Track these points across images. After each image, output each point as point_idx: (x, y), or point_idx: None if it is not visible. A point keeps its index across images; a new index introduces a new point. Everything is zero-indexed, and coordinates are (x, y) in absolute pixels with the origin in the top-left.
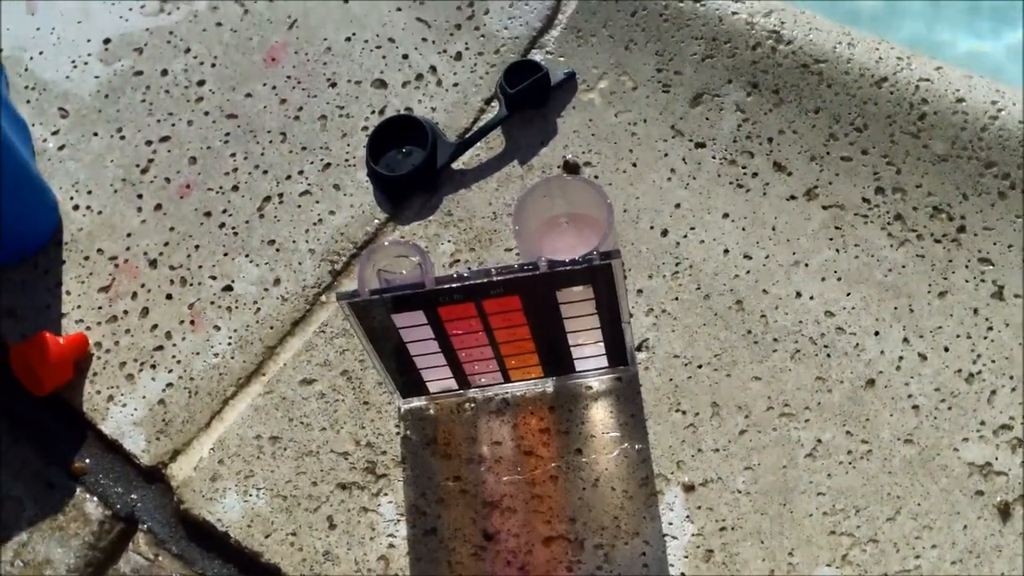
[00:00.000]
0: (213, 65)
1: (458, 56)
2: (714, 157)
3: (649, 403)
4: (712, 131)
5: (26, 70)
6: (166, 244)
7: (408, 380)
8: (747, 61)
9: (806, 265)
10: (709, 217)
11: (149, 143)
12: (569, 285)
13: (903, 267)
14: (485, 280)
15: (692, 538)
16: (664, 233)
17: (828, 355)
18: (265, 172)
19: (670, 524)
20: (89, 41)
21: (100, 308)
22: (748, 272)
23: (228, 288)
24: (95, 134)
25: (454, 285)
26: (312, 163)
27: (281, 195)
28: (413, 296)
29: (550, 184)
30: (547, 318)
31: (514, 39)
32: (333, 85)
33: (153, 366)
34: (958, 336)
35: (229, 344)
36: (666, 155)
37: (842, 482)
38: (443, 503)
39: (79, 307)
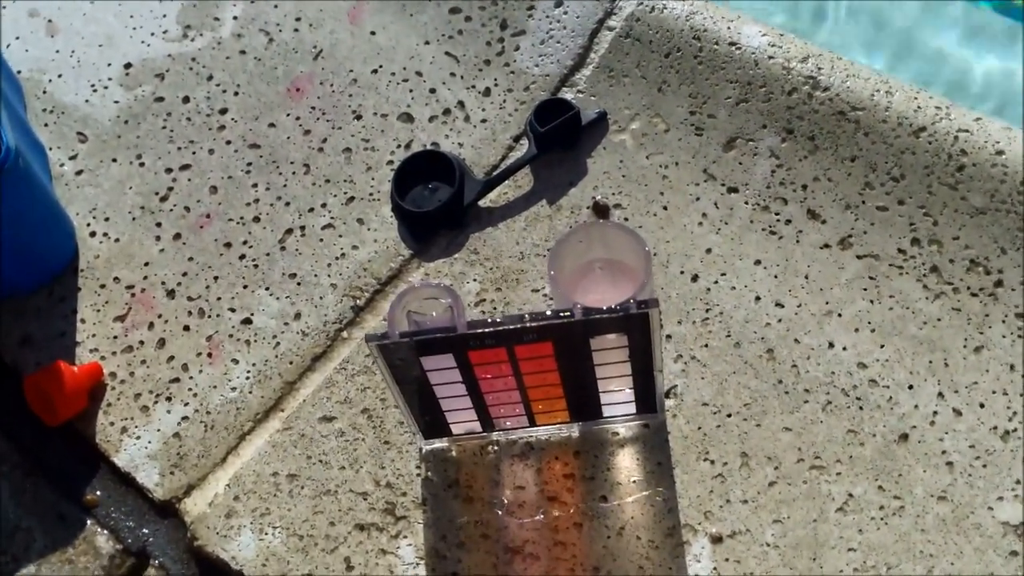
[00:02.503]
0: (236, 94)
1: (487, 92)
2: (747, 203)
3: (677, 451)
4: (745, 176)
5: (44, 92)
6: (184, 274)
7: (431, 421)
8: (782, 106)
9: (839, 315)
10: (741, 263)
11: (169, 171)
12: (604, 333)
13: (938, 320)
14: (519, 326)
15: None
16: (694, 278)
17: (860, 408)
18: (287, 204)
19: None
20: (110, 65)
21: (116, 338)
22: (780, 320)
23: (247, 321)
24: (114, 160)
25: (487, 330)
26: (336, 196)
27: (303, 228)
28: (444, 340)
29: (589, 229)
30: (578, 364)
31: (545, 77)
32: (359, 117)
33: (169, 398)
34: (994, 392)
35: (247, 378)
36: (698, 199)
37: (873, 538)
38: (464, 547)
39: (94, 336)
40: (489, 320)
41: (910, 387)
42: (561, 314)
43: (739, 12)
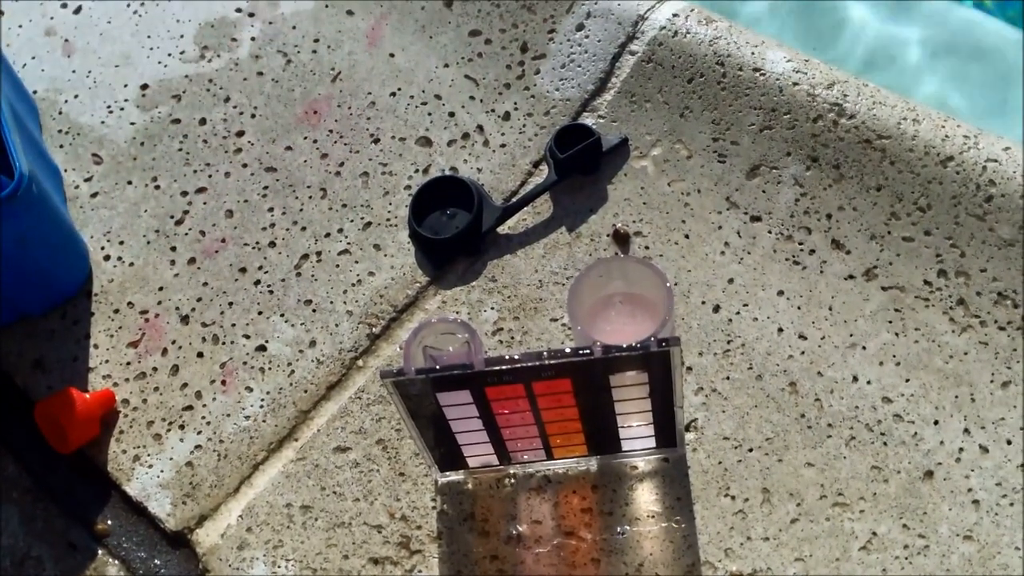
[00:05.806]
0: (253, 116)
1: (507, 116)
2: (770, 232)
3: (697, 486)
4: (769, 204)
5: (60, 113)
6: (199, 300)
7: (447, 453)
8: (807, 134)
9: (863, 348)
10: (763, 294)
11: (184, 194)
12: (623, 370)
13: (965, 354)
14: (537, 363)
15: None
16: (716, 309)
17: (885, 443)
18: (304, 229)
19: None
20: (126, 86)
21: (129, 364)
22: (803, 353)
23: (262, 348)
24: (129, 182)
25: (504, 367)
26: (352, 221)
27: (319, 253)
28: (460, 376)
29: (609, 263)
30: (597, 400)
31: (565, 101)
32: (376, 141)
33: (182, 426)
34: (1021, 429)
35: (261, 407)
36: (720, 228)
37: None
38: None
39: (107, 362)
40: (507, 357)
41: (935, 422)
42: (580, 352)
43: (763, 37)
